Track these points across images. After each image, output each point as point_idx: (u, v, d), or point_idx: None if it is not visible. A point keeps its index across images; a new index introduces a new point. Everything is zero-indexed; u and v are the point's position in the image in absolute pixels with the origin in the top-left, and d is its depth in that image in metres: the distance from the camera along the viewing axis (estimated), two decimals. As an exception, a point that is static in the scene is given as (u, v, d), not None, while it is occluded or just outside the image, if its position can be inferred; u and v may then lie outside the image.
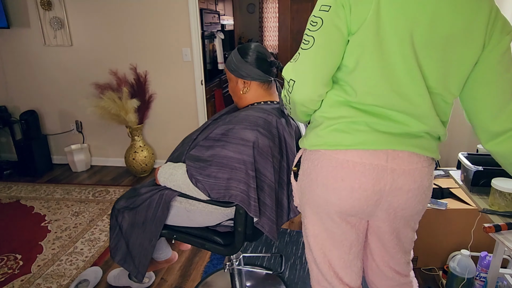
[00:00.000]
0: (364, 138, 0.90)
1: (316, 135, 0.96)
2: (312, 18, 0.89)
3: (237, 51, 1.34)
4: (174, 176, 1.30)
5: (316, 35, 0.87)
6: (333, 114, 0.94)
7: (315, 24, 0.88)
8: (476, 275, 1.67)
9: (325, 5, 0.87)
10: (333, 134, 0.93)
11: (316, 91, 0.92)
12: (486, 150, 0.99)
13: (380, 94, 0.89)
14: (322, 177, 0.95)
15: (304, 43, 0.90)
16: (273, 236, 1.27)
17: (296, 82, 0.90)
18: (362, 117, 0.90)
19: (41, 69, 3.36)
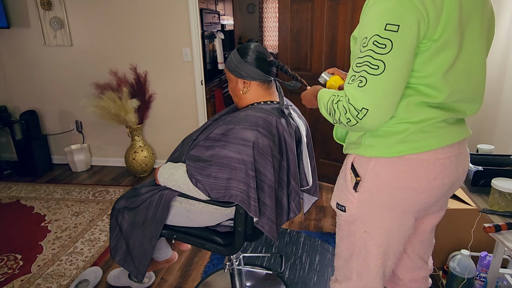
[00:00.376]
0: (446, 135, 0.94)
1: (402, 142, 0.93)
2: (376, 38, 0.81)
3: (237, 51, 1.34)
4: (174, 176, 1.30)
5: (387, 59, 0.81)
6: (416, 118, 0.91)
7: (383, 47, 0.80)
8: (476, 275, 1.67)
9: (391, 24, 0.80)
10: (419, 137, 0.92)
11: (390, 114, 0.87)
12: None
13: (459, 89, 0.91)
14: (412, 181, 0.94)
15: (372, 67, 0.82)
16: (273, 236, 1.27)
17: (370, 110, 0.83)
18: (441, 115, 0.92)
19: (41, 69, 3.37)
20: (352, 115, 0.86)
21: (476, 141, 2.45)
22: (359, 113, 0.85)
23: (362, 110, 0.84)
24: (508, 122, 2.13)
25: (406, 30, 0.79)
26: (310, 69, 2.83)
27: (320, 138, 2.93)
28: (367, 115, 0.84)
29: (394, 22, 0.79)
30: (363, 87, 0.83)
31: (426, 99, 0.90)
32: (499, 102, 2.23)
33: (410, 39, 0.81)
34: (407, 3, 0.78)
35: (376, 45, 0.81)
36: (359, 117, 0.85)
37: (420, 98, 0.90)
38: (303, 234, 2.30)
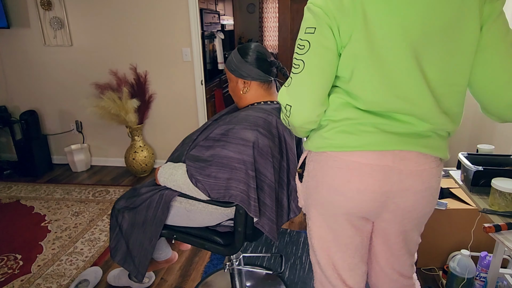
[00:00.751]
0: (371, 139, 0.89)
1: (322, 137, 0.96)
2: (298, 41, 0.90)
3: (237, 51, 1.34)
4: (174, 176, 1.30)
5: (305, 58, 0.89)
6: (339, 117, 0.93)
7: (302, 48, 0.88)
8: (476, 275, 1.67)
9: (309, 27, 0.88)
10: (339, 136, 0.92)
11: (314, 112, 0.93)
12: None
13: (381, 100, 0.88)
14: (328, 178, 0.95)
15: (295, 67, 0.91)
16: (273, 236, 1.27)
17: (293, 107, 0.92)
18: (368, 118, 0.90)
19: (41, 69, 3.36)
20: (284, 113, 0.96)
21: (476, 141, 2.45)
22: (287, 111, 0.94)
23: (286, 107, 0.93)
24: (508, 122, 2.13)
25: (321, 32, 0.87)
26: (310, 69, 2.83)
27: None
28: (292, 111, 0.92)
29: (311, 25, 0.88)
30: (288, 86, 0.93)
31: (349, 99, 0.92)
32: (499, 102, 2.23)
33: (325, 40, 0.87)
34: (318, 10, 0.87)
35: (298, 47, 0.89)
36: (287, 114, 0.95)
37: (345, 97, 0.93)
38: (303, 234, 2.30)
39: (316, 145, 0.97)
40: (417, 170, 0.91)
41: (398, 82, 0.87)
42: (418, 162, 0.91)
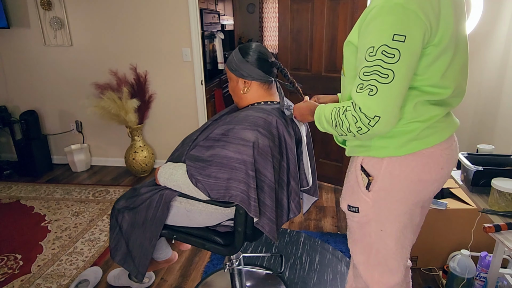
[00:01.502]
0: (447, 128, 1.02)
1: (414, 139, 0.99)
2: (385, 48, 0.84)
3: (238, 51, 1.34)
4: (174, 176, 1.30)
5: (396, 68, 0.84)
6: (424, 117, 0.98)
7: (392, 57, 0.84)
8: (476, 275, 1.67)
9: (399, 34, 0.83)
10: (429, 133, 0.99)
11: (398, 119, 0.92)
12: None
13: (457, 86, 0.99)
14: (425, 173, 1.01)
15: (382, 76, 0.85)
16: (273, 236, 1.27)
17: (382, 118, 0.87)
18: (443, 111, 1.00)
19: (41, 69, 3.36)
20: (364, 123, 0.89)
21: (476, 141, 2.45)
22: (371, 121, 0.88)
23: (374, 118, 0.87)
24: (508, 122, 2.13)
25: (412, 40, 0.84)
26: (310, 69, 2.83)
27: (320, 138, 2.93)
28: (379, 122, 0.87)
29: (401, 32, 0.83)
30: (374, 95, 0.86)
31: (430, 97, 0.96)
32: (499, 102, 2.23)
33: (416, 47, 0.86)
34: (412, 15, 0.83)
35: (385, 55, 0.84)
36: (371, 125, 0.88)
37: (425, 98, 0.95)
38: (303, 234, 2.30)
39: (406, 148, 0.99)
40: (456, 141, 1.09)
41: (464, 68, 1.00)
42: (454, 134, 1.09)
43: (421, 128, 0.97)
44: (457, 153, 1.09)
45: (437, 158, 1.01)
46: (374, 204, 1.05)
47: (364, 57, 0.88)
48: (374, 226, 1.08)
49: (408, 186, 1.02)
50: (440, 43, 0.89)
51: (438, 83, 0.94)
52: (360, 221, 1.09)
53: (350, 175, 1.11)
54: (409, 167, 1.00)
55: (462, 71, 0.99)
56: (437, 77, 0.93)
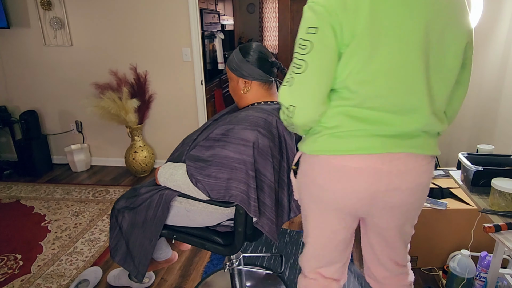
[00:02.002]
0: (359, 144, 0.92)
1: (315, 142, 0.99)
2: (300, 41, 0.90)
3: (239, 51, 1.34)
4: (174, 176, 1.30)
5: (308, 58, 0.88)
6: (331, 124, 0.96)
7: (304, 47, 0.88)
8: (476, 275, 1.67)
9: (311, 27, 0.88)
10: (331, 141, 0.96)
11: (317, 111, 0.94)
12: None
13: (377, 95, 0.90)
14: (319, 179, 1.00)
15: (296, 67, 0.90)
16: (273, 236, 1.27)
17: (297, 107, 0.91)
18: (358, 125, 0.92)
19: (41, 69, 3.36)
20: (286, 114, 0.96)
21: (476, 141, 2.45)
22: (289, 111, 0.94)
23: (289, 107, 0.93)
24: (508, 122, 2.13)
25: (323, 32, 0.87)
26: (310, 69, 2.83)
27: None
28: (295, 111, 0.92)
29: (313, 25, 0.88)
30: (290, 86, 0.92)
31: (343, 102, 0.93)
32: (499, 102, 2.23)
33: (328, 39, 0.87)
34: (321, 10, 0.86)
35: (300, 47, 0.90)
36: (289, 115, 0.95)
37: (339, 102, 0.94)
38: (303, 234, 2.30)
39: (310, 148, 1.01)
40: (406, 169, 0.93)
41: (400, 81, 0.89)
42: (407, 162, 0.93)
43: (324, 133, 0.96)
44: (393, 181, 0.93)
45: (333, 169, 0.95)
46: (297, 190, 1.14)
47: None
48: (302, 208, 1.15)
49: (308, 184, 1.04)
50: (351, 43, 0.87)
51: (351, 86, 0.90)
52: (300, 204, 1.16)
53: None
54: (309, 167, 1.02)
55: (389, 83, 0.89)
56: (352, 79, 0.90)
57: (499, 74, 2.25)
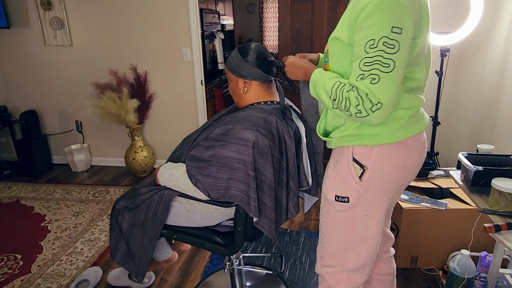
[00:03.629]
0: (424, 118, 1.12)
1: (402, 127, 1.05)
2: (386, 40, 0.90)
3: (238, 51, 1.34)
4: (174, 176, 1.30)
5: (396, 58, 0.91)
6: (408, 104, 1.04)
7: (392, 47, 0.91)
8: (476, 275, 1.67)
9: (396, 27, 0.90)
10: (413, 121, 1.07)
11: (395, 107, 0.99)
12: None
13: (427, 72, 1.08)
14: (407, 161, 1.08)
15: (383, 65, 0.91)
16: (273, 236, 1.27)
17: (384, 105, 0.92)
18: (422, 100, 1.09)
19: (41, 69, 3.36)
20: (365, 108, 0.93)
21: (476, 141, 2.45)
22: (373, 106, 0.93)
23: (377, 104, 0.92)
24: (508, 122, 2.13)
25: (407, 32, 0.92)
26: (310, 69, 2.83)
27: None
28: (381, 109, 0.92)
29: (398, 25, 0.90)
30: (376, 83, 0.92)
31: (413, 84, 1.05)
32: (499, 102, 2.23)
33: (410, 38, 0.94)
34: (405, 9, 0.91)
35: (386, 46, 0.90)
36: (372, 110, 0.93)
37: (410, 84, 1.04)
38: (303, 234, 2.30)
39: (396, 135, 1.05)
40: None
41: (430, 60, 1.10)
42: None
43: (407, 115, 1.04)
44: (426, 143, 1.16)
45: (417, 147, 1.09)
46: (364, 192, 1.09)
47: (363, 50, 0.93)
48: (359, 211, 1.11)
49: (394, 173, 1.08)
50: (421, 36, 0.99)
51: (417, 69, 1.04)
52: (347, 210, 1.12)
53: (339, 166, 1.12)
54: (396, 155, 1.06)
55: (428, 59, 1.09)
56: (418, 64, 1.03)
57: (499, 74, 2.25)
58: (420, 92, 1.09)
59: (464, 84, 2.66)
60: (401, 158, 1.07)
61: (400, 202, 1.87)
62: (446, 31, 2.32)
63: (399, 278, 1.88)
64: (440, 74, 2.41)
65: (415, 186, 2.03)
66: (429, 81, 1.18)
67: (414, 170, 1.12)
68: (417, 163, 1.11)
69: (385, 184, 1.08)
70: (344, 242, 1.16)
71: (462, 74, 2.67)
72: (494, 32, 2.33)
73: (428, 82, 1.14)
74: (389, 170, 1.07)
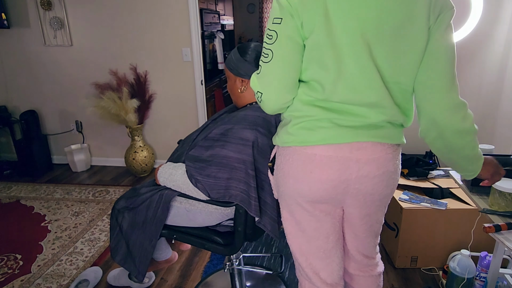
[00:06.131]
0: (328, 134, 0.97)
1: (286, 133, 1.02)
2: (267, 31, 0.94)
3: (237, 50, 1.34)
4: (173, 176, 1.30)
5: (273, 47, 0.93)
6: (299, 113, 1.00)
7: (270, 37, 0.94)
8: (476, 275, 1.67)
9: (277, 17, 0.93)
10: (301, 132, 0.99)
11: (281, 99, 0.99)
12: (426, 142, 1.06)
13: (339, 91, 0.94)
14: (293, 170, 1.02)
15: (264, 56, 0.96)
16: (275, 234, 1.27)
17: (263, 94, 0.98)
18: (325, 114, 0.97)
19: (41, 69, 3.37)
20: (258, 98, 1.02)
21: (476, 141, 2.44)
22: (259, 97, 1.00)
23: (257, 93, 0.99)
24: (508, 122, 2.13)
25: (286, 23, 0.91)
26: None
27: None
28: (262, 97, 0.98)
29: (278, 16, 0.93)
30: (259, 73, 0.99)
31: (313, 94, 0.97)
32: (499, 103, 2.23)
33: (290, 30, 0.92)
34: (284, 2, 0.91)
35: (267, 37, 0.95)
36: (259, 100, 1.01)
37: (309, 93, 0.98)
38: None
39: (282, 140, 1.04)
40: (373, 157, 0.98)
41: (353, 75, 0.93)
42: (374, 151, 0.98)
43: (293, 123, 1.00)
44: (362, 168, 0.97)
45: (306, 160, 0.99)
46: (274, 187, 1.15)
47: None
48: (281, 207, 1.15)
49: (283, 177, 1.05)
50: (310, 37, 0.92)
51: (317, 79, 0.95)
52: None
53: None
54: (284, 159, 1.04)
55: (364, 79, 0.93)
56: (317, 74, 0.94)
57: (499, 74, 2.25)
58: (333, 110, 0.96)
59: (464, 84, 2.66)
60: (287, 165, 1.02)
61: (400, 202, 1.88)
62: (446, 31, 2.32)
63: (399, 278, 1.88)
64: (440, 74, 2.41)
65: (415, 186, 2.03)
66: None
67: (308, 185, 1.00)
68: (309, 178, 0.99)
69: (282, 188, 1.07)
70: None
71: (462, 74, 2.67)
72: (494, 32, 2.33)
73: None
74: (281, 172, 1.05)
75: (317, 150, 0.97)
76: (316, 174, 0.98)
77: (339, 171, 0.97)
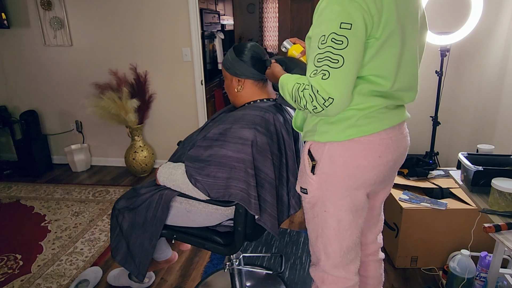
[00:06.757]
0: (387, 119, 1.07)
1: (351, 126, 1.05)
2: (334, 36, 0.92)
3: (233, 50, 1.35)
4: (173, 175, 1.30)
5: (345, 53, 0.92)
6: (363, 105, 1.04)
7: (340, 43, 0.92)
8: (476, 275, 1.67)
9: (345, 22, 0.91)
10: (366, 122, 1.05)
11: (349, 102, 1.00)
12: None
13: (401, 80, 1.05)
14: (362, 160, 1.07)
15: (332, 61, 0.93)
16: (275, 232, 1.27)
17: (336, 99, 0.95)
18: (383, 103, 1.05)
19: (41, 69, 3.37)
20: (319, 103, 0.97)
21: (476, 141, 2.45)
22: (325, 102, 0.96)
23: (328, 99, 0.96)
24: (508, 122, 2.13)
25: (357, 27, 0.92)
26: (310, 69, 2.83)
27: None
28: (333, 103, 0.95)
29: (347, 21, 0.91)
30: (327, 79, 0.95)
31: (374, 87, 1.03)
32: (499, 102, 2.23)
33: (360, 34, 0.93)
34: (354, 4, 0.92)
35: (335, 42, 0.92)
36: (325, 105, 0.97)
37: (368, 87, 1.03)
38: (303, 234, 2.30)
39: (345, 134, 1.06)
40: (406, 132, 1.15)
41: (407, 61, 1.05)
42: (405, 127, 1.15)
43: (358, 116, 1.04)
44: (404, 144, 1.13)
45: (374, 146, 1.06)
46: (318, 186, 1.12)
47: (316, 46, 0.96)
48: (320, 206, 1.14)
49: (346, 171, 1.08)
50: (381, 37, 0.96)
51: (383, 74, 1.01)
52: (310, 202, 1.15)
53: (302, 159, 1.17)
54: (347, 153, 1.07)
55: (407, 67, 1.06)
56: (380, 69, 1.01)
57: (499, 74, 2.25)
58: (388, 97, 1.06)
59: (464, 84, 2.66)
60: (354, 156, 1.07)
61: (400, 202, 1.88)
62: (446, 31, 2.33)
63: (399, 278, 1.88)
64: (440, 74, 2.41)
65: (415, 186, 2.03)
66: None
67: (375, 170, 1.09)
68: (377, 163, 1.08)
69: (338, 180, 1.09)
70: (313, 239, 1.19)
71: (462, 74, 2.67)
72: (494, 32, 2.33)
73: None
74: (341, 167, 1.07)
75: (382, 135, 1.06)
76: (384, 158, 1.07)
77: (396, 150, 1.10)
